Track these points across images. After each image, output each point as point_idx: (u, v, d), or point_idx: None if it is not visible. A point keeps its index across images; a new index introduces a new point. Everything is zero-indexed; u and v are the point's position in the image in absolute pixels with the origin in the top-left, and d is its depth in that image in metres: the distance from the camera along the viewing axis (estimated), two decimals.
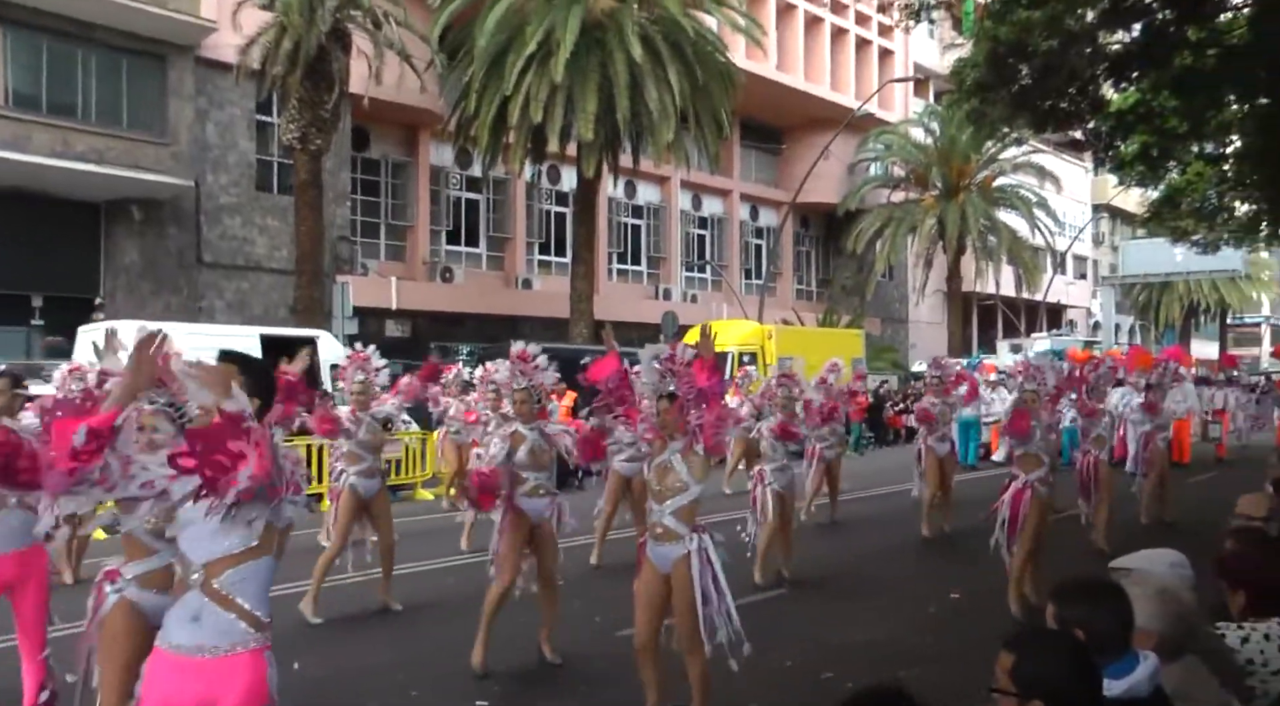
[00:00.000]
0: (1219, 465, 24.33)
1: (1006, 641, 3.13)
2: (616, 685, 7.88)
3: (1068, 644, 3.21)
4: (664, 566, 6.99)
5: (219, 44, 25.65)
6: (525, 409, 8.57)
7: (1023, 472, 10.12)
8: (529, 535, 8.49)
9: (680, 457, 6.96)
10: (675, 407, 6.99)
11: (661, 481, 7.02)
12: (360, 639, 9.51)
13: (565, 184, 36.36)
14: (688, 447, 6.95)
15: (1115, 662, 3.33)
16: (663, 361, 7.22)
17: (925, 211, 44.81)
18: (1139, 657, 3.40)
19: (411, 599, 10.60)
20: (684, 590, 6.91)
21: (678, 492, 6.95)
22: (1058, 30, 15.58)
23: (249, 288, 27.82)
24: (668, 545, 6.97)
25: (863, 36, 47.59)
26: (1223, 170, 23.70)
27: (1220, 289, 62.54)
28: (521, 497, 8.48)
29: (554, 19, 27.07)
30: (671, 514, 6.95)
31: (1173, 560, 4.56)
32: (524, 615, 8.77)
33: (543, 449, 8.56)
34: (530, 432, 8.53)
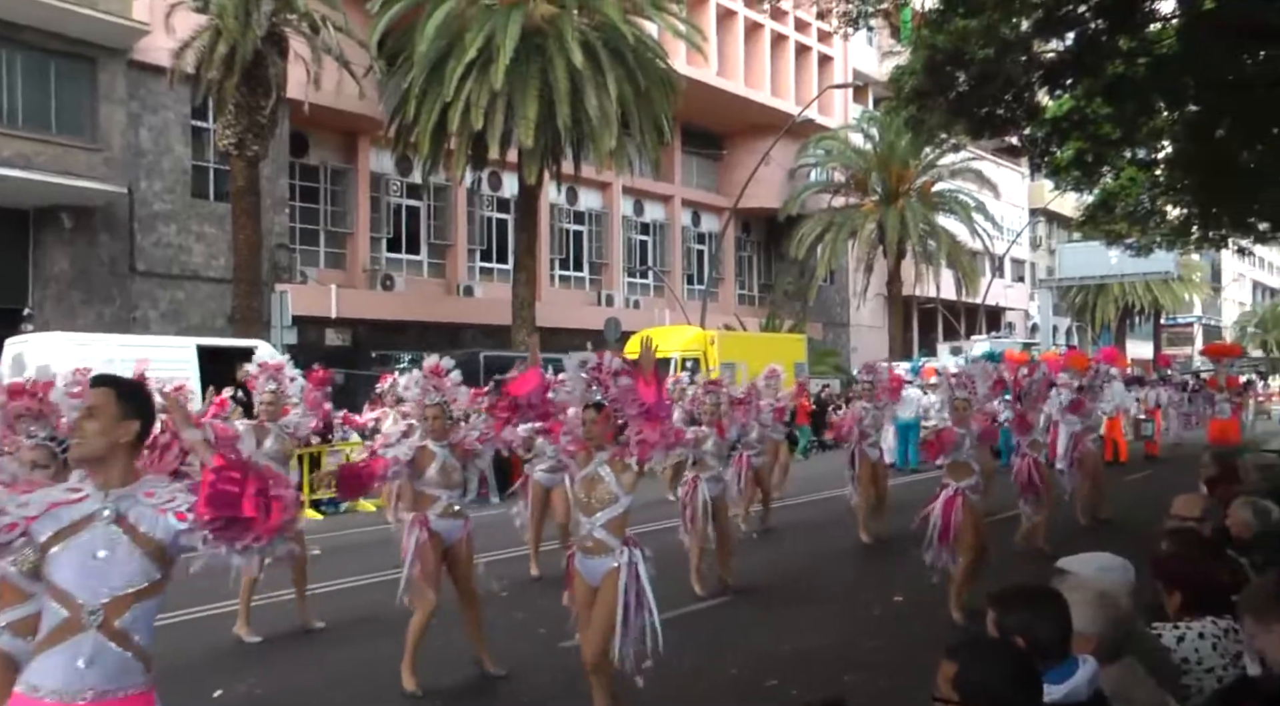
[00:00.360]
0: (1154, 463, 24.69)
1: (948, 649, 3.16)
2: (563, 698, 7.87)
3: (1009, 652, 3.24)
4: (594, 579, 6.91)
5: (152, 47, 25.30)
6: (438, 425, 8.30)
7: (953, 480, 10.14)
8: (443, 557, 8.32)
9: (608, 468, 6.85)
10: (603, 418, 6.90)
11: (590, 493, 6.90)
12: (292, 659, 9.34)
13: (506, 190, 36.28)
14: (615, 458, 6.85)
15: (1055, 668, 3.38)
16: (590, 370, 7.11)
17: (865, 216, 45.08)
18: (1078, 662, 3.45)
19: (347, 615, 10.47)
20: (606, 604, 6.81)
21: (608, 504, 6.85)
22: (993, 39, 15.73)
23: (185, 297, 27.46)
24: (598, 558, 6.88)
25: (802, 43, 47.84)
26: (1155, 175, 24.02)
27: (1154, 290, 63.36)
28: (434, 519, 8.26)
29: (494, 25, 27.01)
30: (602, 526, 6.84)
31: (1111, 564, 4.63)
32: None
33: (454, 466, 8.34)
34: (441, 450, 8.31)
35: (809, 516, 17.32)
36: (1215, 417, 27.72)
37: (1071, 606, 3.65)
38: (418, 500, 8.38)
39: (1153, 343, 73.57)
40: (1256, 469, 8.09)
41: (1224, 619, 4.61)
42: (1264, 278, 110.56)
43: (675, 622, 10.01)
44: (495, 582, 9.24)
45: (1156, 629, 4.62)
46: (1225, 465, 8.66)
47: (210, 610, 10.18)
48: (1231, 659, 4.47)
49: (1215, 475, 8.51)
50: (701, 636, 9.68)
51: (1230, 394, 28.38)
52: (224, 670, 8.66)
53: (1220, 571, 4.92)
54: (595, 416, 6.90)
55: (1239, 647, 4.49)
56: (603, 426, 6.89)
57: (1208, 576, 4.81)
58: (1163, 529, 5.79)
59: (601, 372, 7.07)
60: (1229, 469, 8.52)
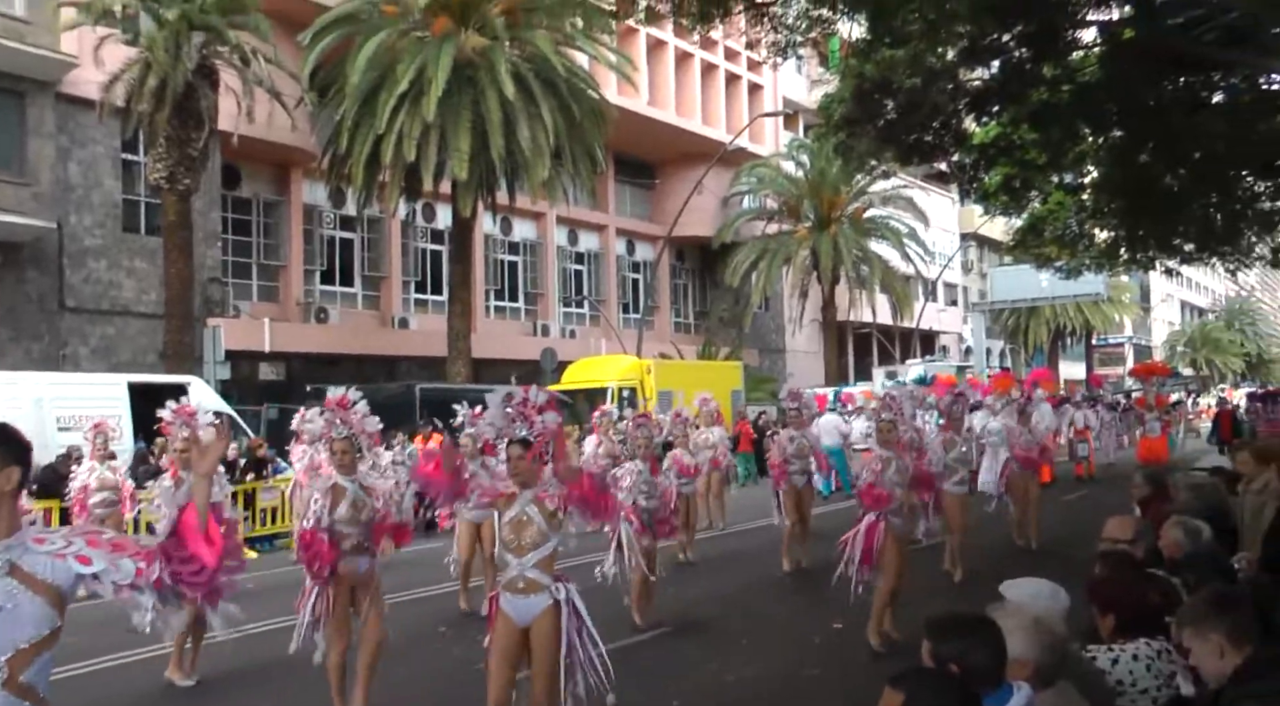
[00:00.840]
0: (1088, 483, 24.92)
1: (893, 679, 3.17)
2: None
3: (956, 682, 3.27)
4: (523, 619, 6.71)
5: (81, 80, 25.02)
6: (347, 460, 7.93)
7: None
8: (351, 597, 7.96)
9: (535, 508, 6.67)
10: (530, 455, 6.69)
11: (520, 535, 6.70)
12: (224, 702, 9.24)
13: (440, 221, 36.17)
14: (541, 499, 6.67)
15: (991, 695, 3.41)
16: (515, 405, 6.93)
17: (799, 243, 45.36)
18: (1013, 689, 3.49)
19: (268, 657, 10.17)
20: (547, 643, 6.66)
21: (538, 545, 6.67)
22: (920, 68, 15.96)
23: (115, 333, 27.08)
24: (530, 597, 6.70)
25: (732, 72, 48.16)
26: (1082, 199, 24.36)
27: (1084, 312, 64.17)
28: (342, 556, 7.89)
29: (425, 57, 27.01)
30: (534, 566, 6.67)
31: (1044, 589, 4.69)
32: (402, 667, 8.67)
33: (364, 502, 7.91)
34: (350, 485, 7.92)
35: (748, 545, 17.31)
36: (1145, 437, 28.07)
37: (1006, 633, 3.68)
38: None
39: (1085, 363, 74.45)
40: (1187, 488, 8.21)
41: (1158, 640, 4.67)
42: (1192, 297, 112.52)
43: (613, 656, 9.98)
44: (443, 627, 9.10)
45: (1091, 651, 4.67)
46: (1157, 485, 8.79)
47: (141, 654, 10.04)
48: (1166, 680, 4.53)
49: (1147, 495, 8.64)
50: (642, 669, 9.65)
51: (1160, 413, 28.78)
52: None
53: (1153, 593, 5.00)
54: (521, 453, 6.70)
55: (1173, 668, 4.56)
56: (529, 464, 6.69)
57: (1140, 598, 4.88)
58: (1095, 552, 5.87)
59: (526, 407, 6.90)
60: (1161, 489, 8.65)
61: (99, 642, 10.31)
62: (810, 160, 45.81)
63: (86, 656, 10.09)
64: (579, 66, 31.39)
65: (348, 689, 7.92)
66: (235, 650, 10.36)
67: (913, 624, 8.89)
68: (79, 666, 9.74)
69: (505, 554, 6.78)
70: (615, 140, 35.03)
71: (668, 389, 30.21)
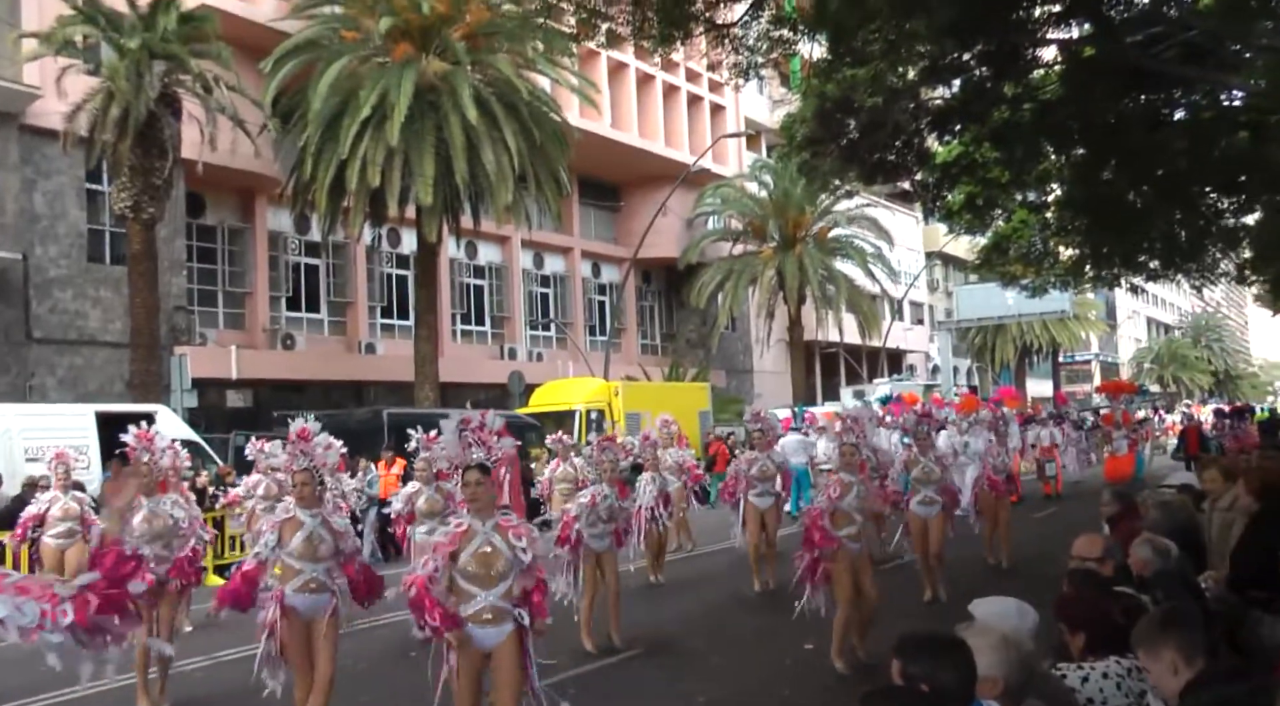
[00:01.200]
0: (1055, 501, 24.97)
1: (864, 698, 3.17)
2: None
3: (924, 701, 3.26)
4: (485, 645, 6.60)
5: (44, 111, 24.94)
6: (307, 491, 7.68)
7: (832, 528, 9.90)
8: (307, 635, 7.65)
9: (499, 537, 6.49)
10: (488, 480, 6.54)
11: (489, 567, 6.51)
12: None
13: (406, 246, 36.09)
14: (503, 527, 6.50)
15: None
16: (471, 430, 6.78)
17: (764, 263, 45.46)
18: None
19: (237, 684, 10.08)
20: (513, 667, 6.60)
21: (506, 575, 6.53)
22: (881, 87, 16.04)
23: (83, 363, 26.92)
24: (498, 626, 6.59)
25: (694, 93, 48.32)
26: (1045, 217, 24.51)
27: (1051, 329, 64.51)
28: (290, 593, 7.59)
29: (387, 83, 27.00)
30: (501, 597, 6.55)
31: (1013, 608, 4.69)
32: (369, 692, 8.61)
33: (321, 537, 7.65)
34: (310, 519, 7.67)
35: (717, 565, 17.26)
36: (1112, 455, 28.18)
37: (975, 651, 3.69)
38: (282, 572, 7.69)
39: (1052, 380, 74.84)
40: (1156, 506, 8.23)
41: (1128, 658, 4.68)
42: (1158, 314, 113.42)
43: (585, 678, 9.98)
44: (413, 651, 9.02)
45: (1060, 670, 4.68)
46: (1126, 503, 8.82)
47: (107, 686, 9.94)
48: (1136, 698, 4.54)
49: (1116, 513, 8.67)
50: (613, 691, 9.63)
51: (1127, 430, 28.92)
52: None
53: (1121, 611, 5.01)
54: (479, 478, 6.52)
55: (1143, 686, 4.56)
56: (488, 489, 6.55)
57: (1109, 616, 4.89)
58: (1064, 570, 5.88)
59: (483, 432, 6.78)
60: (1130, 507, 8.68)
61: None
62: (774, 180, 45.94)
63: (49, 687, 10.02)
64: (541, 90, 31.51)
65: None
66: (205, 677, 10.32)
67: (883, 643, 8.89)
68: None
69: (470, 586, 6.54)
70: (579, 163, 35.10)
71: (635, 411, 30.18)
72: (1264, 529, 6.84)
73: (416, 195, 27.75)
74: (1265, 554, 6.36)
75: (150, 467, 9.68)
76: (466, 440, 6.74)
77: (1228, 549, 7.37)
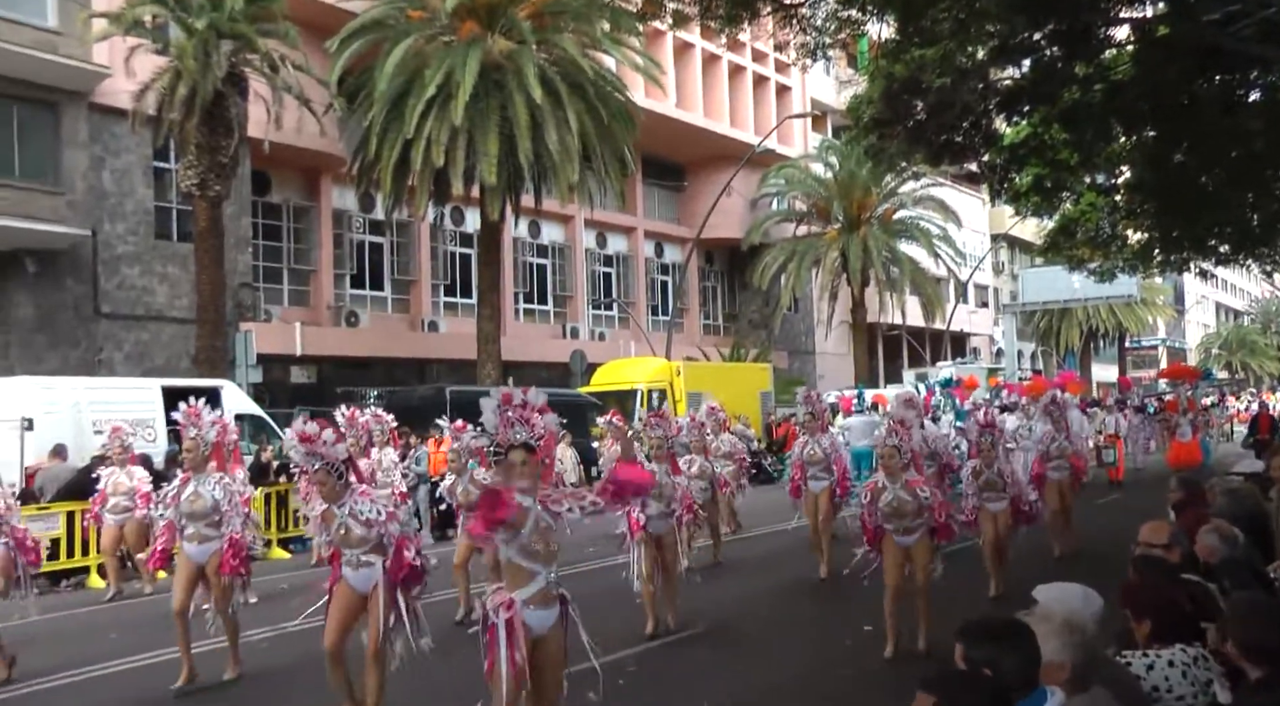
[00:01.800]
0: (1119, 488, 24.65)
1: (924, 682, 3.14)
2: None
3: (987, 685, 3.22)
4: (539, 630, 6.20)
5: (113, 90, 25.29)
6: (326, 489, 7.80)
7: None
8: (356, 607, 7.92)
9: (547, 513, 6.20)
10: (534, 459, 6.31)
11: (547, 543, 6.22)
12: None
13: (469, 225, 36.22)
14: (544, 503, 6.21)
15: (1023, 699, 3.37)
16: (514, 408, 6.43)
17: (828, 245, 45.26)
18: (1047, 694, 3.44)
19: (301, 653, 9.84)
20: (558, 651, 6.28)
21: (555, 554, 6.28)
22: (950, 68, 15.84)
23: (149, 338, 27.30)
24: (548, 608, 6.24)
25: (760, 73, 48.12)
26: (1114, 200, 24.16)
27: (1117, 313, 63.82)
28: (344, 568, 7.91)
29: (453, 62, 27.06)
30: (555, 573, 6.28)
31: (1078, 593, 4.63)
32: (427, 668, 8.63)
33: (348, 527, 7.80)
34: (338, 512, 7.83)
35: (775, 547, 17.20)
36: (1176, 440, 27.74)
37: (1040, 637, 3.65)
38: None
39: (1117, 365, 74.00)
40: (1223, 493, 8.10)
41: (1194, 646, 4.61)
42: (1227, 299, 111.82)
43: (642, 658, 9.99)
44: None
45: (1125, 657, 4.61)
46: (1192, 490, 8.68)
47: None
48: (1202, 686, 4.46)
49: (1182, 500, 8.53)
50: (671, 673, 9.63)
51: (1192, 416, 28.47)
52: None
53: (1188, 598, 4.93)
54: (525, 457, 6.25)
55: (1209, 675, 4.49)
56: (535, 467, 6.31)
57: (1176, 604, 4.81)
58: (1131, 556, 5.80)
59: (526, 410, 6.44)
60: (1196, 494, 8.53)
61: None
62: (839, 161, 45.70)
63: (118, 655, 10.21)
64: (606, 69, 31.44)
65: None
66: (271, 647, 10.48)
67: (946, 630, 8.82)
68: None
69: (533, 564, 6.22)
70: (643, 143, 35.01)
71: (697, 391, 30.18)
72: None
73: (480, 174, 27.80)
74: None
75: (197, 443, 9.68)
76: (508, 418, 6.44)
77: None
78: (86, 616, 13.51)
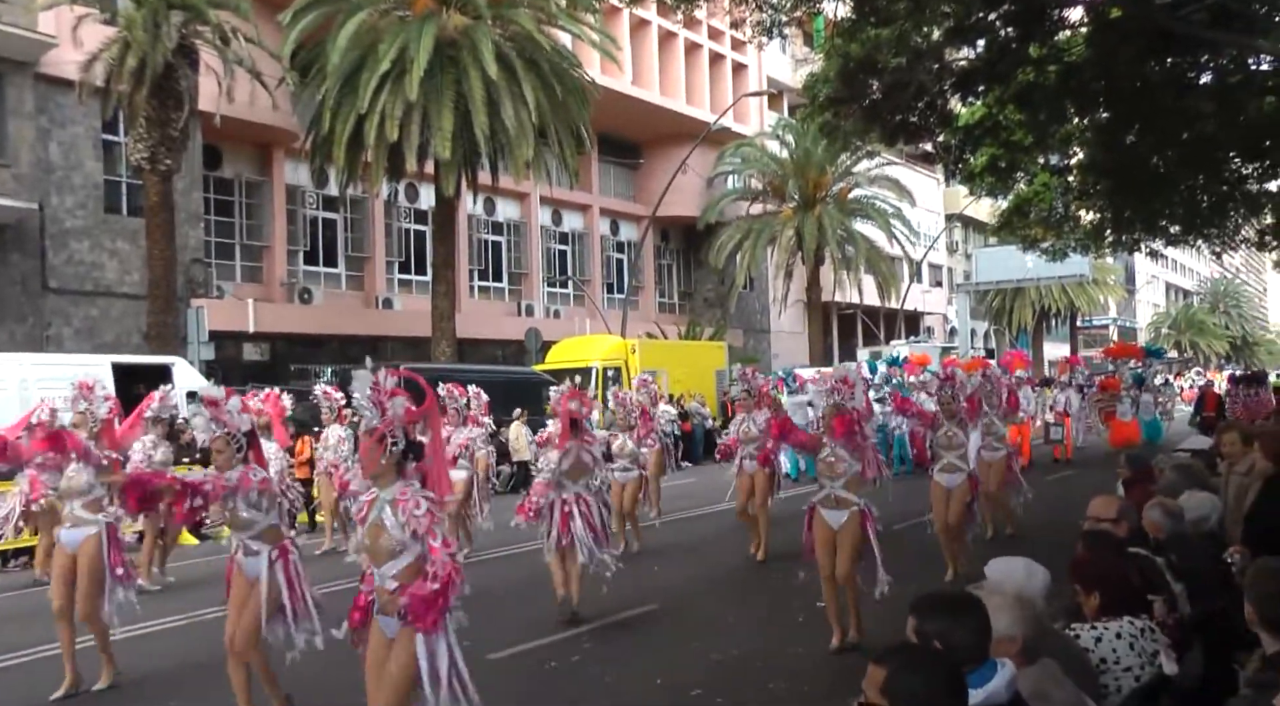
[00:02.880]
0: (1066, 466, 24.81)
1: (877, 656, 3.16)
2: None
3: (939, 657, 3.25)
4: (392, 632, 5.94)
5: (59, 60, 24.84)
6: (222, 459, 7.47)
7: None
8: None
9: (392, 510, 5.88)
10: (373, 440, 5.99)
11: (375, 543, 5.97)
12: None
13: (424, 202, 36.08)
14: (400, 502, 5.87)
15: (974, 671, 3.40)
16: (370, 388, 6.10)
17: (783, 223, 45.32)
18: (997, 666, 3.48)
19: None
20: (402, 657, 5.87)
21: (395, 554, 5.91)
22: (905, 47, 15.85)
23: (99, 314, 26.98)
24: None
25: (716, 51, 48.07)
26: (1068, 181, 24.27)
27: (1070, 293, 64.31)
28: (239, 556, 7.54)
29: (407, 36, 26.88)
30: (392, 577, 5.91)
31: (1022, 567, 4.69)
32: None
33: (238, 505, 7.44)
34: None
35: (729, 525, 17.23)
36: (1117, 420, 27.98)
37: (991, 611, 3.68)
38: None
39: (1069, 344, 74.65)
40: (1172, 469, 8.21)
41: (1141, 619, 4.68)
42: (1177, 279, 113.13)
43: (599, 633, 10.03)
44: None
45: (1074, 630, 4.67)
46: (1141, 467, 8.80)
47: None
48: (1149, 658, 4.53)
49: (1132, 476, 8.65)
50: (625, 647, 9.66)
51: (1134, 396, 28.76)
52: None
53: (1136, 572, 5.00)
54: (372, 446, 5.99)
55: (1156, 647, 4.56)
56: (371, 454, 5.99)
57: (1124, 577, 4.88)
58: (1079, 531, 5.86)
59: (380, 392, 6.11)
60: (1145, 470, 8.66)
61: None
62: (795, 140, 45.74)
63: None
64: (562, 46, 31.33)
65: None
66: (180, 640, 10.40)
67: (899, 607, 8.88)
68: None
69: (367, 558, 6.08)
70: (599, 120, 34.93)
71: (652, 369, 30.21)
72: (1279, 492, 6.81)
73: (435, 150, 27.66)
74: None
75: (85, 417, 9.47)
76: (375, 401, 6.04)
77: (1243, 513, 7.35)
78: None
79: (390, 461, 5.98)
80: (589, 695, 8.16)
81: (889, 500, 11.57)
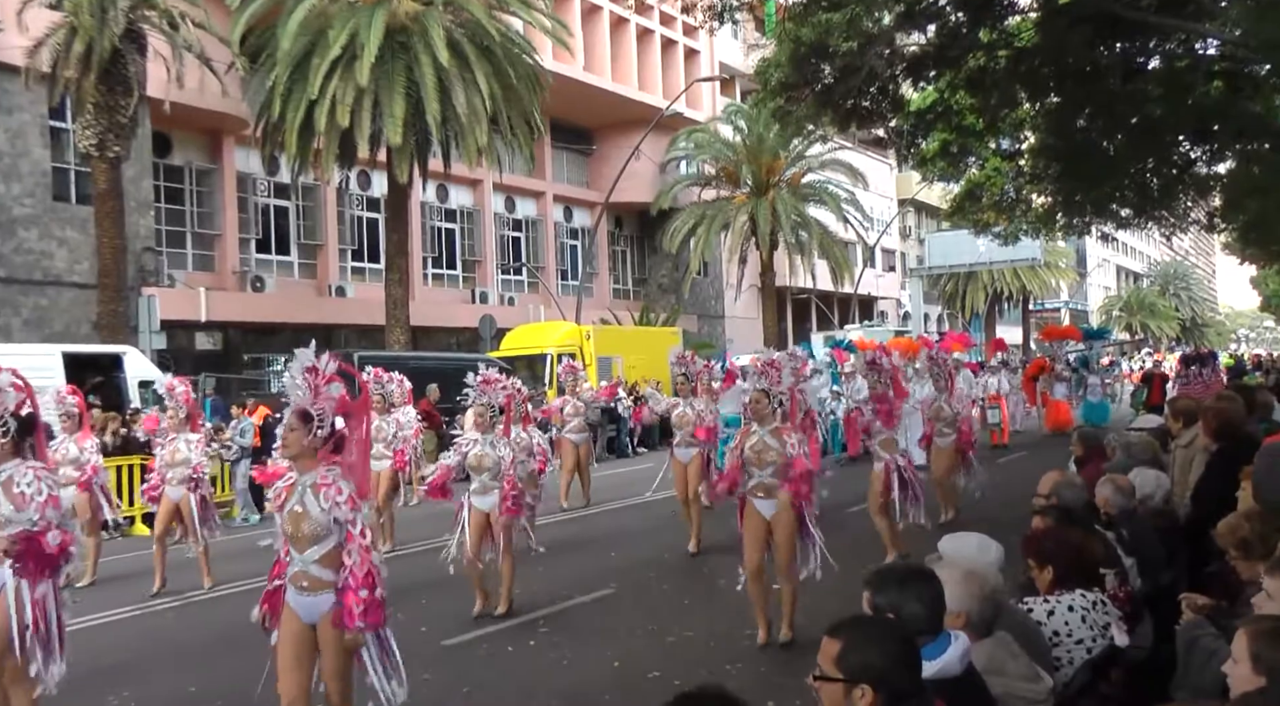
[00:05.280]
0: (1003, 450, 24.22)
1: (831, 628, 3.17)
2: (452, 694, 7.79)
3: (894, 630, 3.28)
4: (310, 617, 5.97)
5: (4, 46, 24.40)
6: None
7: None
8: None
9: (312, 496, 5.85)
10: (304, 426, 5.91)
11: (298, 528, 5.89)
12: None
13: (376, 189, 35.90)
14: (322, 486, 5.82)
15: (928, 643, 3.43)
16: (306, 372, 6.01)
17: (737, 209, 45.34)
18: (950, 638, 3.51)
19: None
20: (335, 643, 5.93)
21: (319, 539, 5.87)
22: (856, 32, 15.91)
23: (48, 303, 26.66)
24: (318, 595, 5.93)
25: (668, 37, 48.05)
26: (1019, 165, 24.48)
27: (1022, 277, 64.69)
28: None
29: (357, 22, 26.68)
30: (315, 562, 5.89)
31: (975, 542, 4.75)
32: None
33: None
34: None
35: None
36: (1053, 401, 28.06)
37: (945, 584, 3.72)
38: None
39: (1021, 328, 75.19)
40: (1122, 446, 8.32)
41: (1093, 592, 4.75)
42: (1127, 262, 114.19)
43: (557, 616, 10.06)
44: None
45: (1027, 603, 4.73)
46: (1093, 445, 8.92)
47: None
48: (1100, 630, 4.60)
49: (1084, 455, 8.78)
50: (582, 631, 9.68)
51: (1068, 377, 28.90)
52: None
53: (1089, 546, 5.06)
54: (294, 425, 5.90)
55: (1108, 619, 4.63)
56: (304, 441, 5.91)
57: (1077, 551, 4.94)
58: (1032, 508, 5.94)
59: (316, 376, 6.02)
60: (1096, 448, 8.78)
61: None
62: (747, 125, 45.73)
63: None
64: (514, 32, 31.15)
65: None
66: None
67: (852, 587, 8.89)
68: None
69: (290, 546, 6.03)
70: (552, 106, 34.83)
71: (607, 355, 30.29)
72: (1221, 467, 6.91)
73: (387, 136, 27.50)
74: (1223, 491, 6.43)
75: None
76: (309, 382, 5.95)
77: (1189, 486, 7.48)
78: None
79: (311, 443, 5.92)
80: (545, 679, 8.17)
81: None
